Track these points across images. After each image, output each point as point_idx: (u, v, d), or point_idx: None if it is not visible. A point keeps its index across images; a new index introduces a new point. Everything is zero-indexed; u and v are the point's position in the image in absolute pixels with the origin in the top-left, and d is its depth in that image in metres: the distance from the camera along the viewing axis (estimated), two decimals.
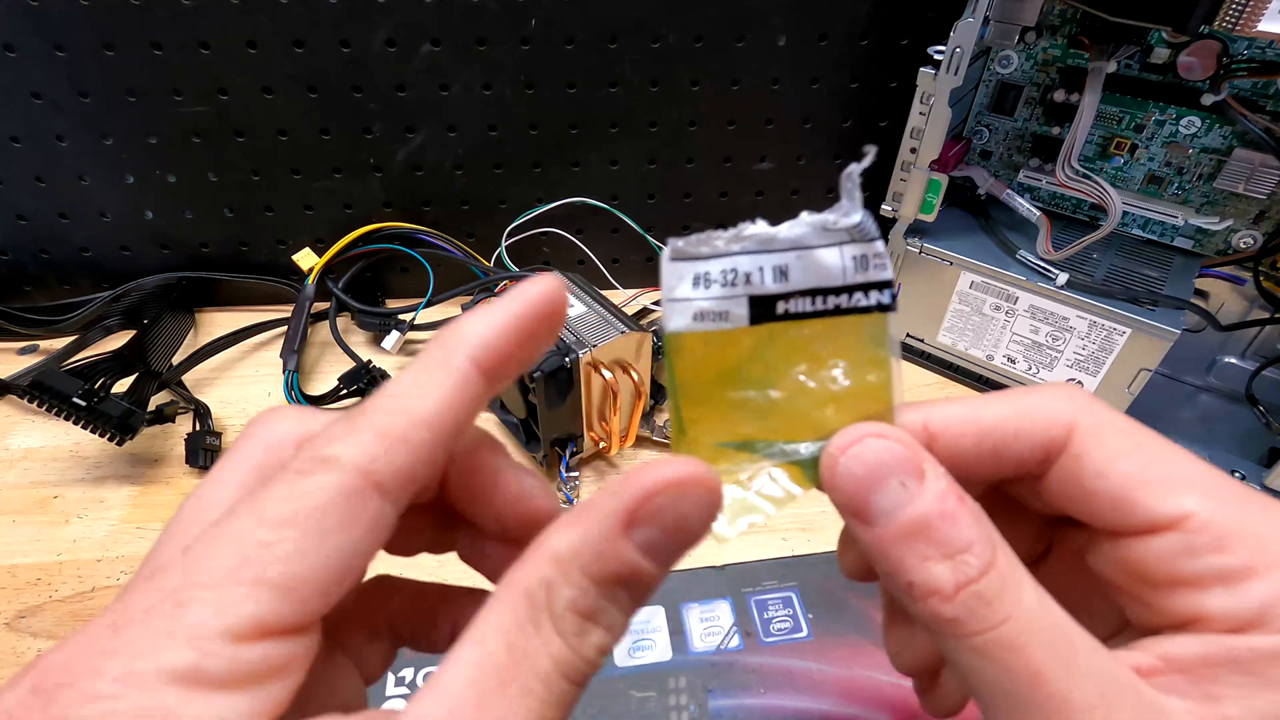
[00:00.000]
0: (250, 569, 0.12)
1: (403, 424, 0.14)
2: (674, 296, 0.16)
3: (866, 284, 0.16)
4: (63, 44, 0.44)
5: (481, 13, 0.45)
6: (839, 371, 0.16)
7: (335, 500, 0.13)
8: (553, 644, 0.13)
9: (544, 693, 0.13)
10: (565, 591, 0.13)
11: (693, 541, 0.14)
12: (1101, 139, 0.44)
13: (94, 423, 0.39)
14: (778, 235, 0.16)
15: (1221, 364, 0.48)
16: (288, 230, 0.54)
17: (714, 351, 0.16)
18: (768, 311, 0.16)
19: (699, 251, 0.16)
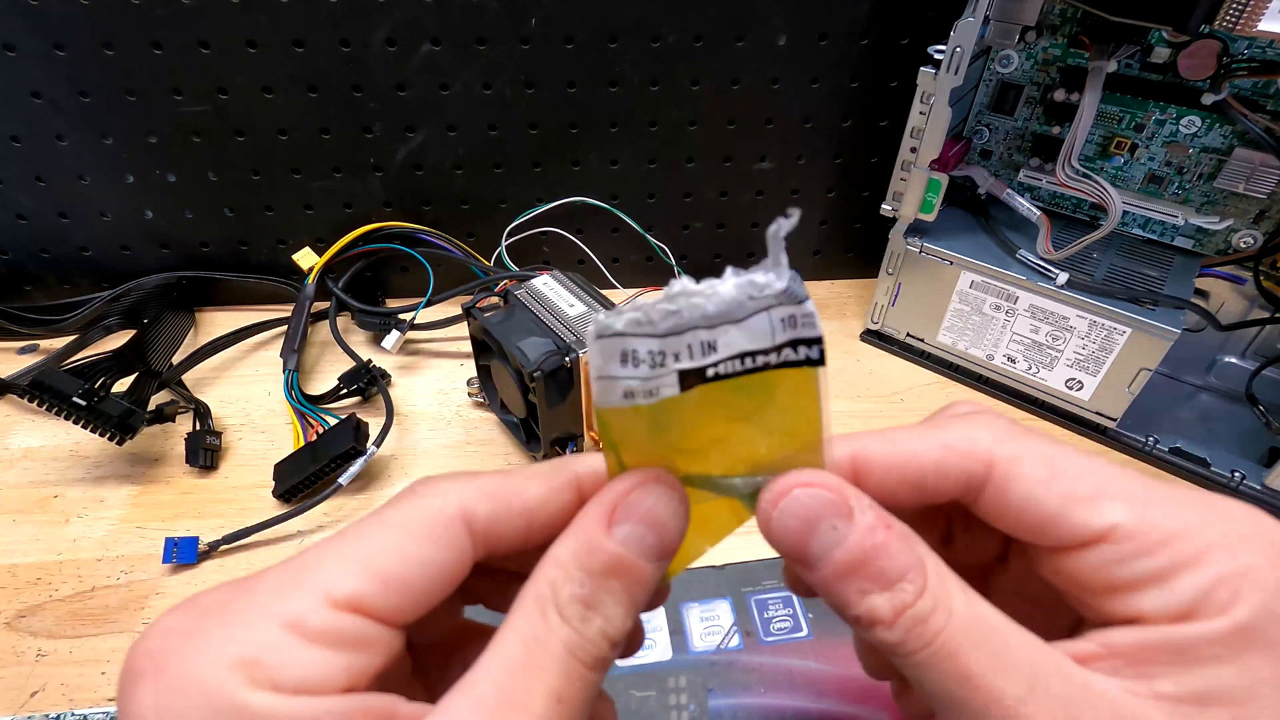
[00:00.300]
0: (360, 557, 0.16)
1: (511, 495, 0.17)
2: (603, 374, 0.16)
3: (796, 341, 0.16)
4: (62, 43, 0.44)
5: (481, 12, 0.45)
6: (774, 421, 0.17)
7: (437, 521, 0.16)
8: (561, 631, 0.15)
9: (559, 674, 0.15)
10: (566, 586, 0.16)
11: (665, 532, 0.16)
12: (1102, 138, 0.44)
13: (94, 422, 0.39)
14: (707, 311, 0.15)
15: (1221, 364, 0.48)
16: (288, 230, 0.54)
17: (648, 418, 0.16)
18: (698, 379, 0.16)
19: (625, 329, 0.15)
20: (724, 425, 0.17)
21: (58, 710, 0.32)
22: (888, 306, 0.51)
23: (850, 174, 0.54)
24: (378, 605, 0.15)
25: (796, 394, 0.16)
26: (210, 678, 0.14)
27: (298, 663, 0.14)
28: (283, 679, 0.14)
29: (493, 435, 0.45)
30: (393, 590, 0.15)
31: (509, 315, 0.41)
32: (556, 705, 0.15)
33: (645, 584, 0.16)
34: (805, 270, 0.58)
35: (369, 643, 0.15)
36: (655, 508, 0.16)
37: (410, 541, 0.16)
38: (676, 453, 0.17)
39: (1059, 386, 0.46)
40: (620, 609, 0.16)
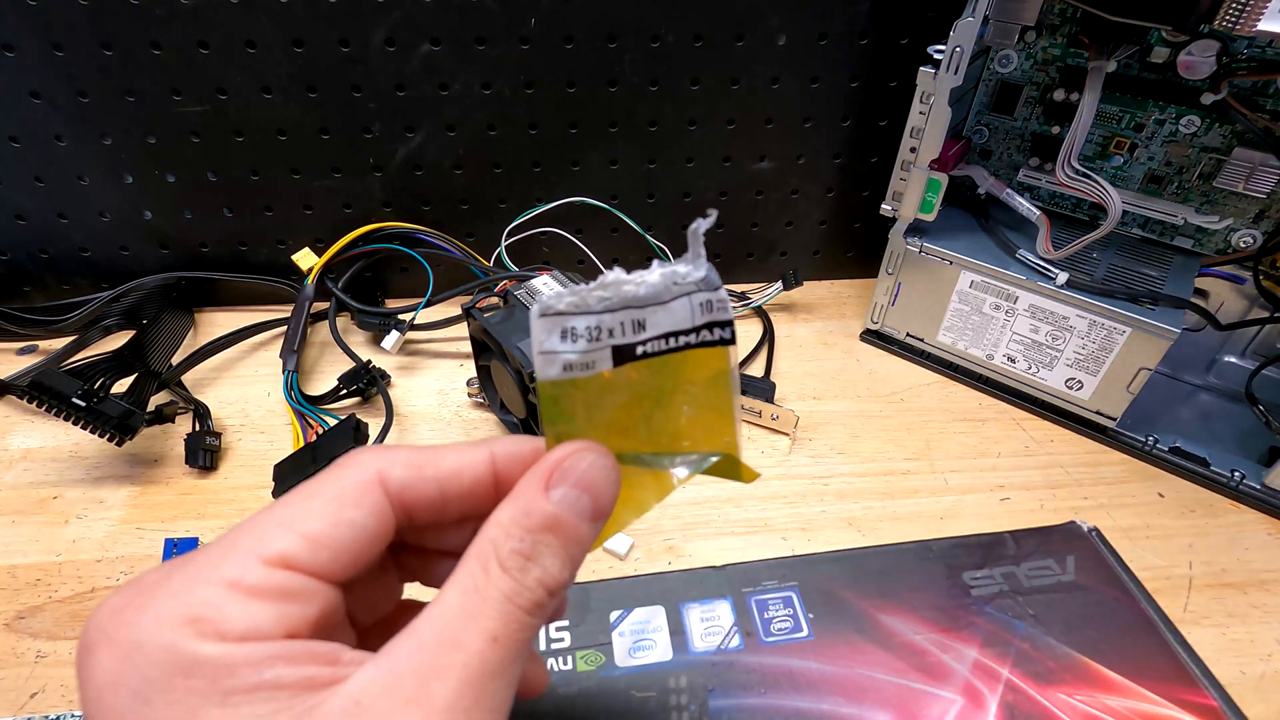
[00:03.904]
0: (288, 521, 0.17)
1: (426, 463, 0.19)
2: (544, 350, 0.18)
3: (711, 324, 0.19)
4: (61, 44, 0.44)
5: (481, 12, 0.45)
6: (692, 395, 0.19)
7: (355, 485, 0.18)
8: (500, 580, 0.17)
9: (495, 617, 0.17)
10: (506, 543, 0.17)
11: (598, 495, 0.18)
12: (1101, 138, 0.44)
13: (93, 423, 0.39)
14: (638, 294, 0.18)
15: (1221, 363, 0.48)
16: (287, 230, 0.54)
17: (582, 389, 0.19)
18: (629, 356, 0.18)
19: (564, 308, 0.18)
20: (651, 403, 0.19)
21: (57, 711, 0.32)
22: (887, 306, 0.51)
23: (850, 174, 0.54)
24: (306, 561, 0.17)
25: (711, 370, 0.19)
26: (161, 636, 0.15)
27: (240, 614, 0.16)
28: (228, 629, 0.15)
29: (493, 435, 0.45)
30: (321, 548, 0.17)
31: (509, 315, 0.41)
32: (491, 644, 0.16)
33: (581, 541, 0.18)
34: (805, 270, 0.58)
35: (303, 594, 0.17)
36: (588, 473, 0.18)
37: (332, 505, 0.18)
38: (609, 430, 0.19)
39: (1059, 386, 0.46)
40: (557, 561, 0.18)
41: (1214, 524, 0.40)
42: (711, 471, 0.20)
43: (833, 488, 0.42)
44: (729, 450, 0.20)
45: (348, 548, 0.18)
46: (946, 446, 0.45)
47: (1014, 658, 0.31)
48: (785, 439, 0.45)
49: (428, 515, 0.19)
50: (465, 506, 0.19)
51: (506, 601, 0.17)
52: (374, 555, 0.18)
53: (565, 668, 0.31)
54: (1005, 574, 0.35)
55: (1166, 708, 0.30)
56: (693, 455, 0.20)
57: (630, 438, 0.19)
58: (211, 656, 0.15)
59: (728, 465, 0.20)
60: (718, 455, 0.20)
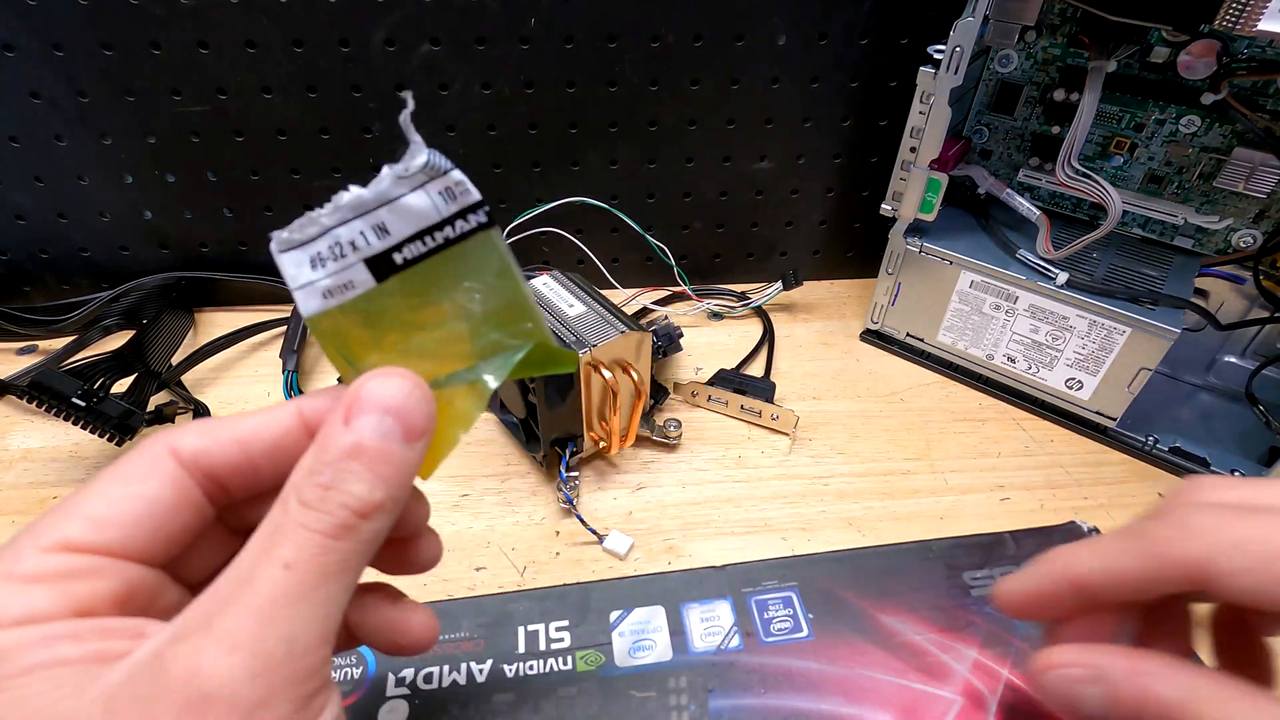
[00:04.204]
0: (69, 507, 0.17)
1: (219, 428, 0.19)
2: (298, 284, 0.17)
3: (461, 211, 0.17)
4: (61, 43, 0.44)
5: (481, 12, 0.45)
6: (475, 293, 0.18)
7: (141, 461, 0.18)
8: (297, 512, 0.17)
9: (290, 547, 0.16)
10: (306, 481, 0.17)
11: (405, 414, 0.17)
12: (1101, 138, 0.44)
13: (93, 423, 0.39)
14: (363, 196, 0.17)
15: (1221, 363, 0.48)
16: None
17: (360, 317, 0.18)
18: (388, 266, 0.17)
19: (304, 236, 0.17)
20: (436, 314, 0.18)
21: None
22: (887, 306, 0.51)
23: (850, 174, 0.54)
24: (90, 540, 0.17)
25: (484, 260, 0.18)
26: None
27: (15, 601, 0.16)
28: (3, 617, 0.15)
29: (493, 435, 0.45)
30: (107, 526, 0.17)
31: None
32: (284, 571, 0.16)
33: (393, 462, 0.17)
34: (805, 270, 0.58)
35: (90, 573, 0.17)
36: (387, 394, 0.17)
37: (119, 484, 0.18)
38: (405, 355, 0.18)
39: (1059, 386, 0.46)
40: (363, 483, 0.17)
41: None
42: (525, 368, 0.19)
43: (833, 488, 0.42)
44: (534, 338, 0.19)
45: (142, 522, 0.17)
46: (946, 446, 0.45)
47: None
48: (785, 439, 0.45)
49: (240, 480, 0.19)
50: (280, 467, 0.19)
51: (302, 528, 0.16)
52: (186, 529, 0.18)
53: (565, 668, 0.31)
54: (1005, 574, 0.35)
55: None
56: (500, 356, 0.19)
57: (430, 357, 0.18)
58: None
59: (541, 355, 0.19)
60: (525, 346, 0.19)
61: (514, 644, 0.32)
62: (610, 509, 0.41)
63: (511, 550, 0.38)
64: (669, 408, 0.48)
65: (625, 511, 0.41)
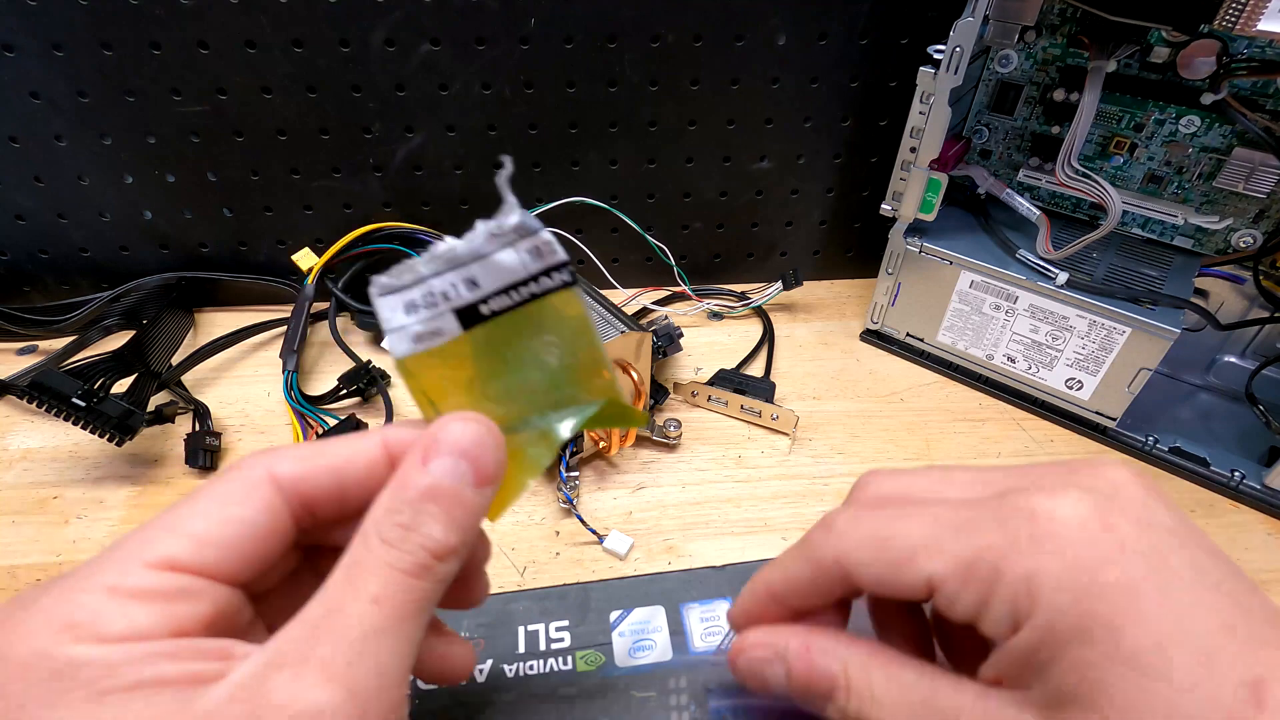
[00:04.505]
0: (173, 524, 0.18)
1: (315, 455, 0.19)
2: (391, 327, 0.18)
3: (546, 269, 0.18)
4: (61, 43, 0.44)
5: (481, 12, 0.45)
6: (554, 346, 0.19)
7: (244, 483, 0.18)
8: (379, 550, 0.17)
9: (375, 582, 0.17)
10: (386, 519, 0.18)
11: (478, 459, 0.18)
12: (1101, 138, 0.44)
13: (93, 423, 0.39)
14: (457, 251, 0.18)
15: (1221, 363, 0.48)
16: (287, 230, 0.54)
17: (444, 361, 0.19)
18: (475, 316, 0.18)
19: (401, 282, 0.18)
20: (517, 363, 0.19)
21: None
22: (887, 306, 0.51)
23: (850, 174, 0.54)
24: (192, 560, 0.17)
25: (566, 318, 0.19)
26: (37, 644, 0.15)
27: (119, 616, 0.16)
28: (104, 631, 0.16)
29: None
30: (206, 547, 0.17)
31: None
32: (372, 605, 0.17)
33: (466, 506, 0.18)
34: (805, 270, 0.58)
35: (189, 594, 0.17)
36: (464, 439, 0.18)
37: (219, 505, 0.18)
38: (483, 398, 0.19)
39: (1059, 386, 0.46)
40: (439, 525, 0.18)
41: (1214, 524, 0.40)
42: (597, 422, 0.20)
43: (833, 488, 0.42)
44: (609, 395, 0.20)
45: (237, 545, 0.18)
46: (946, 446, 0.45)
47: None
48: (785, 439, 0.45)
49: (329, 508, 0.20)
50: (365, 497, 0.19)
51: (387, 567, 0.17)
52: (273, 552, 0.19)
53: (565, 668, 0.31)
54: None
55: None
56: (572, 409, 0.20)
57: (506, 403, 0.19)
58: (87, 658, 0.15)
59: (613, 411, 0.20)
60: (599, 403, 0.20)
61: (514, 644, 0.32)
62: (610, 509, 0.41)
63: (511, 550, 0.38)
64: (669, 408, 0.48)
65: (625, 511, 0.41)
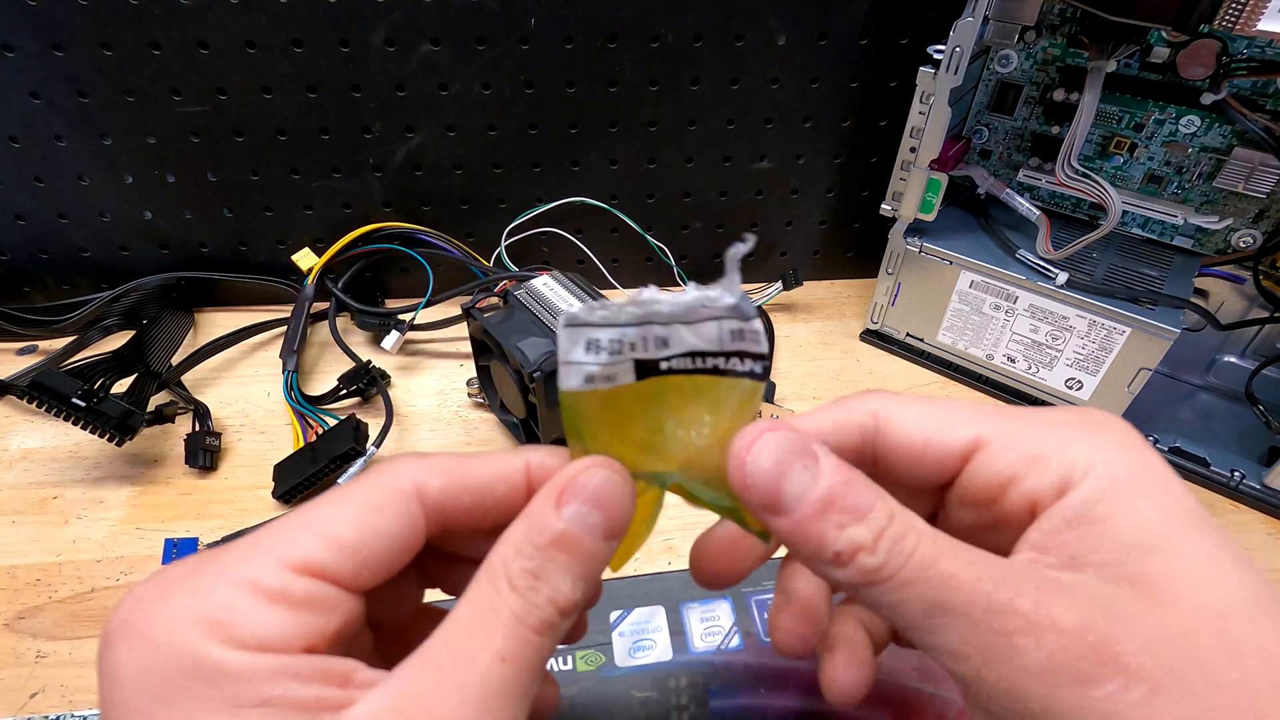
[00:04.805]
0: (317, 526, 0.17)
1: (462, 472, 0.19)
2: (568, 360, 0.18)
3: (742, 352, 0.17)
4: (61, 44, 0.44)
5: (481, 12, 0.45)
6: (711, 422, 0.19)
7: (391, 494, 0.18)
8: (510, 598, 0.17)
9: (505, 636, 0.16)
10: (517, 560, 0.17)
11: (610, 511, 0.18)
12: (1101, 138, 0.44)
13: (93, 423, 0.39)
14: (661, 311, 0.17)
15: (1221, 363, 0.48)
16: (287, 230, 0.54)
17: (605, 403, 0.18)
18: (652, 370, 0.18)
19: (591, 320, 0.18)
20: (671, 421, 0.19)
21: (57, 711, 0.32)
22: (887, 306, 0.51)
23: (850, 174, 0.54)
24: (332, 569, 0.17)
25: (736, 403, 0.18)
26: (178, 635, 0.15)
27: (258, 620, 0.15)
28: (244, 635, 0.15)
29: (493, 436, 0.45)
30: (347, 556, 0.17)
31: (508, 315, 0.41)
32: (500, 664, 0.16)
33: (592, 558, 0.18)
34: (805, 270, 0.58)
35: (325, 604, 0.16)
36: (601, 489, 0.18)
37: (365, 512, 0.17)
38: (632, 445, 0.19)
39: (1059, 386, 0.46)
40: (568, 579, 0.17)
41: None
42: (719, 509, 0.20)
43: None
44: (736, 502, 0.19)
45: (376, 556, 0.17)
46: None
47: None
48: None
49: (467, 525, 0.19)
50: (501, 516, 0.19)
51: (516, 621, 0.16)
52: (401, 564, 0.18)
53: (565, 668, 0.31)
54: None
55: None
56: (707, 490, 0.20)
57: (652, 455, 0.19)
58: (222, 664, 0.15)
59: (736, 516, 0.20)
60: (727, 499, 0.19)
61: None
62: None
63: None
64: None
65: None
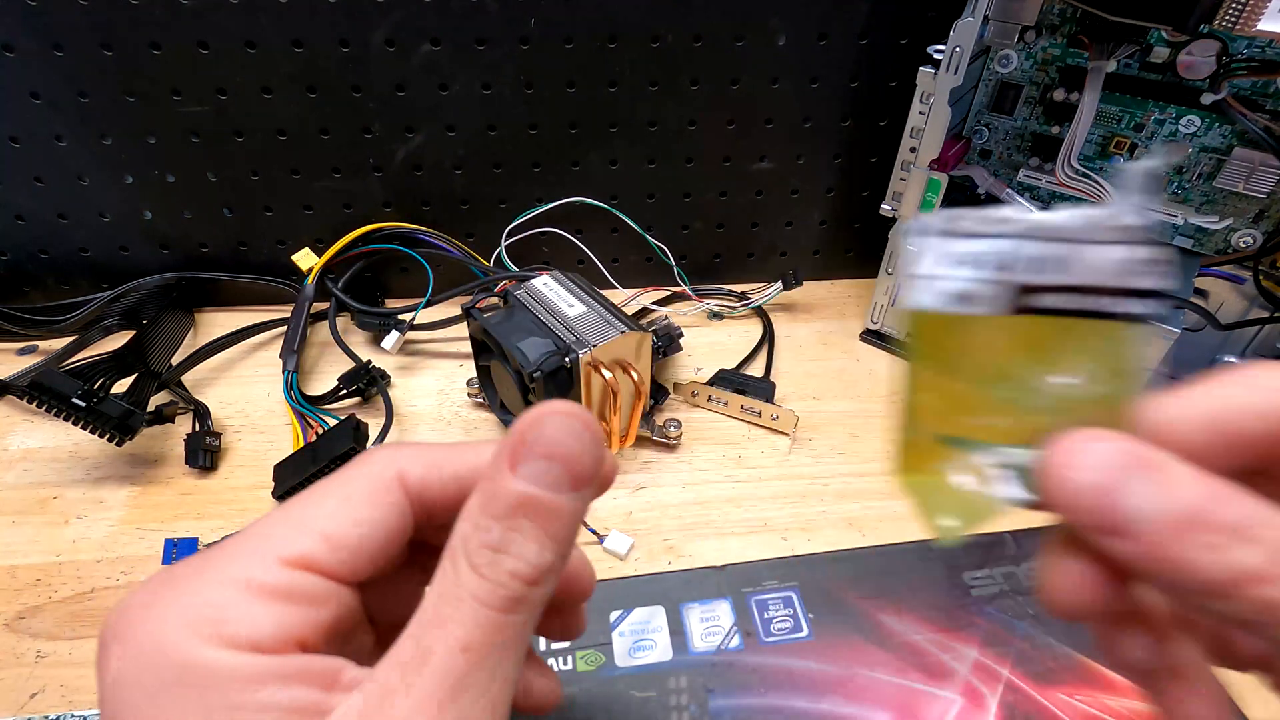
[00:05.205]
0: (307, 520, 0.17)
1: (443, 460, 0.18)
2: (923, 273, 0.15)
3: (1132, 290, 0.14)
4: (61, 44, 0.44)
5: (481, 13, 0.45)
6: (1081, 378, 0.15)
7: (375, 483, 0.18)
8: (468, 580, 0.15)
9: (465, 623, 0.15)
10: (475, 535, 0.16)
11: (572, 461, 0.16)
12: (1101, 138, 0.44)
13: (93, 423, 0.39)
14: (1045, 223, 0.14)
15: (1221, 363, 0.48)
16: (287, 230, 0.54)
17: (953, 336, 0.15)
18: (1019, 301, 0.15)
19: (964, 229, 0.15)
20: (1026, 379, 0.15)
21: (57, 711, 0.32)
22: (887, 306, 0.51)
23: (850, 174, 0.54)
24: (325, 562, 0.16)
25: (1116, 353, 0.15)
26: (169, 639, 0.15)
27: (252, 618, 0.15)
28: (237, 634, 0.15)
29: (493, 436, 0.45)
30: (338, 548, 0.17)
31: (509, 315, 0.41)
32: (461, 654, 0.15)
33: (562, 516, 0.16)
34: (805, 270, 0.58)
35: (320, 597, 0.16)
36: (556, 437, 0.16)
37: (351, 504, 0.17)
38: (967, 401, 0.16)
39: None
40: (533, 544, 0.16)
41: None
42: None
43: (833, 488, 0.42)
44: None
45: (366, 548, 0.17)
46: None
47: (1014, 658, 0.31)
48: (785, 439, 0.45)
49: (448, 514, 0.18)
50: None
51: (477, 605, 0.15)
52: (392, 555, 0.18)
53: (565, 668, 0.31)
54: (1005, 574, 0.35)
55: None
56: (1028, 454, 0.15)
57: (991, 419, 0.16)
58: (210, 666, 0.15)
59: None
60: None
61: None
62: (610, 509, 0.41)
63: None
64: (669, 408, 0.48)
65: (625, 511, 0.41)
